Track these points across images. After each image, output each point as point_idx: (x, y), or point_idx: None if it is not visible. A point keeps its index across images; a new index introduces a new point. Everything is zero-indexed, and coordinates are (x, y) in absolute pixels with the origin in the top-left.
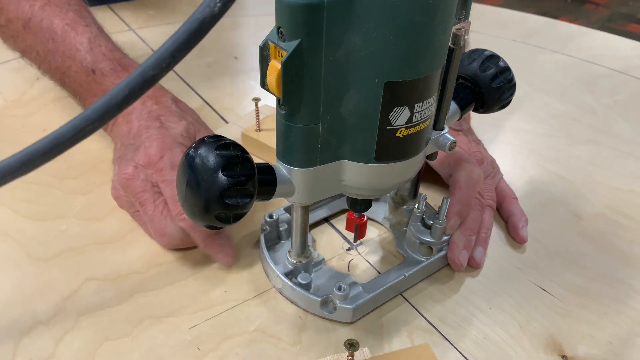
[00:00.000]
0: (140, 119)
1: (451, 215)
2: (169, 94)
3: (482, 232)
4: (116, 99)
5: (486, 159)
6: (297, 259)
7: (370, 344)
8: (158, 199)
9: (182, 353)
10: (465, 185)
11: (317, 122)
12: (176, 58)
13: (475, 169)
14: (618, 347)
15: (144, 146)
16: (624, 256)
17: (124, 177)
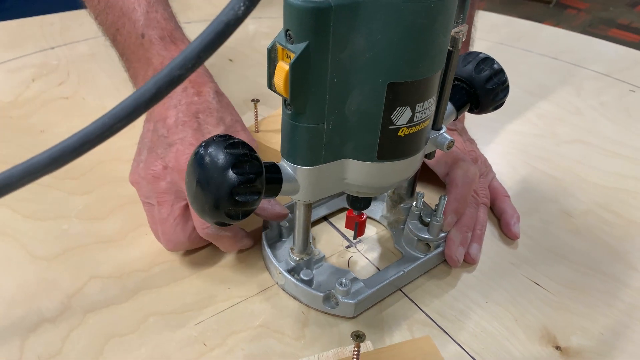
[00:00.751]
0: (178, 110)
1: (448, 213)
2: (211, 84)
3: (477, 229)
4: (144, 97)
5: (480, 158)
6: (299, 256)
7: (372, 337)
8: (176, 204)
9: (188, 348)
10: (462, 184)
11: (322, 121)
12: (202, 59)
13: (471, 167)
14: (609, 337)
15: (176, 148)
16: (613, 251)
17: (151, 173)
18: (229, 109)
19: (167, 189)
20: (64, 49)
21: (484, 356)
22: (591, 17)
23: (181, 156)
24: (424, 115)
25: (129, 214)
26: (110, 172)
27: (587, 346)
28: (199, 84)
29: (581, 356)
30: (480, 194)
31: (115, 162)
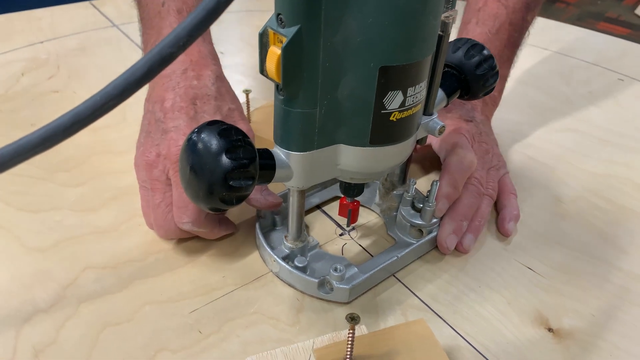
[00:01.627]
0: (176, 93)
1: (439, 198)
2: (214, 67)
3: (476, 219)
4: (135, 76)
5: (492, 151)
6: (293, 243)
7: (366, 322)
8: (168, 192)
9: (184, 336)
10: (455, 170)
11: (314, 106)
12: (192, 37)
13: (468, 155)
14: (600, 319)
15: (170, 136)
16: (603, 236)
17: (145, 160)
18: (228, 96)
19: (159, 176)
20: (53, 43)
21: (477, 339)
22: (580, 11)
23: (174, 145)
24: (416, 100)
25: (123, 206)
26: (103, 164)
27: (579, 327)
28: (200, 67)
29: (573, 337)
30: (487, 186)
31: (108, 155)
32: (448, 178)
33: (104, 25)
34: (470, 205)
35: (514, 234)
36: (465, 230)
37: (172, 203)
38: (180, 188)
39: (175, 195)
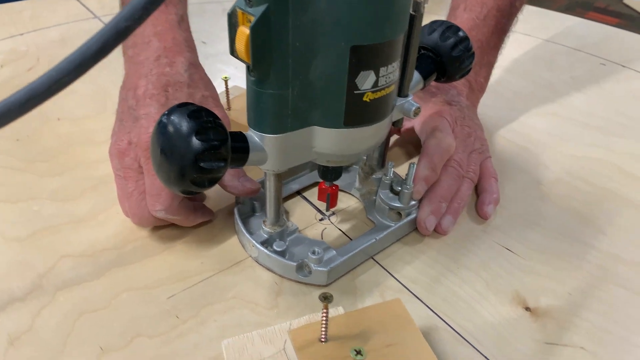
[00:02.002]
0: (148, 80)
1: (417, 181)
2: (187, 54)
3: (455, 202)
4: (90, 51)
5: (475, 135)
6: (271, 228)
7: (345, 304)
8: (141, 179)
9: (161, 322)
10: (432, 152)
11: (286, 87)
12: (148, 10)
13: (446, 138)
14: (577, 297)
15: (140, 124)
16: (582, 217)
17: (117, 148)
18: (201, 83)
19: (131, 164)
20: (33, 35)
21: (455, 319)
22: (568, 1)
23: (144, 133)
24: (389, 80)
25: (101, 195)
26: (82, 154)
27: (556, 306)
28: (174, 54)
29: (550, 316)
30: (467, 169)
31: (86, 145)
32: (426, 160)
33: (85, 17)
34: (449, 187)
35: (494, 217)
36: (444, 212)
37: (144, 191)
38: (152, 175)
39: (147, 182)
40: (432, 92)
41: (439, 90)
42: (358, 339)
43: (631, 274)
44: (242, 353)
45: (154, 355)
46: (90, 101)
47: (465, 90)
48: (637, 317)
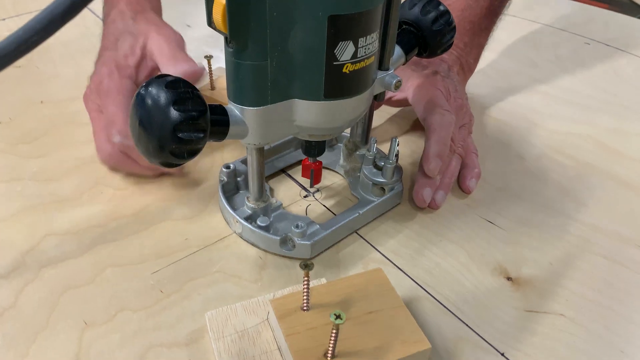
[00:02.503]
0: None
1: (431, 157)
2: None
3: (446, 176)
4: (60, 8)
5: (465, 108)
6: (255, 204)
7: (328, 276)
8: (102, 119)
9: (145, 296)
10: (439, 128)
11: (265, 58)
12: None
13: (447, 114)
14: (558, 267)
15: (96, 72)
16: (564, 190)
17: (84, 93)
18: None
19: (92, 106)
20: (15, 20)
21: (437, 289)
22: None
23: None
24: (368, 51)
25: (85, 175)
26: (65, 135)
27: (537, 275)
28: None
29: (531, 285)
30: (457, 144)
31: (70, 126)
32: (435, 137)
33: None
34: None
35: (477, 191)
36: (437, 184)
37: (105, 128)
38: (107, 111)
39: (104, 118)
40: (424, 65)
41: (431, 64)
42: (339, 307)
43: (610, 244)
44: (225, 324)
45: (137, 328)
46: (73, 84)
47: (456, 67)
48: (615, 285)
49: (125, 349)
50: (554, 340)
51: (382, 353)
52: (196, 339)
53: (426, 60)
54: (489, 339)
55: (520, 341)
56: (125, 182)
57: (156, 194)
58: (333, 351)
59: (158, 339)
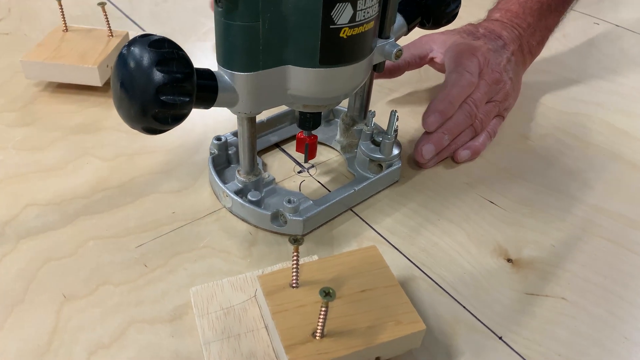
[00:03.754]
0: None
1: (431, 111)
2: None
3: (453, 143)
4: None
5: (503, 85)
6: (246, 177)
7: (321, 254)
8: None
9: (128, 270)
10: (451, 85)
11: (256, 19)
12: None
13: (467, 75)
14: (560, 249)
15: None
16: (569, 171)
17: None
18: None
19: None
20: None
21: (433, 269)
22: None
23: None
24: (367, 15)
25: (71, 145)
26: (52, 103)
27: (538, 257)
28: None
29: (532, 267)
30: (480, 116)
31: (58, 93)
32: (445, 93)
33: None
34: (457, 123)
35: (478, 169)
36: (444, 146)
37: None
38: None
39: None
40: (476, 35)
41: (485, 37)
42: (331, 284)
43: (614, 226)
44: (211, 300)
45: (119, 302)
46: None
47: (513, 47)
48: (619, 268)
49: (105, 323)
50: (555, 324)
51: (375, 333)
52: (180, 315)
53: (482, 32)
54: (486, 322)
55: (520, 324)
56: (113, 152)
57: (144, 166)
58: (322, 330)
59: (140, 314)
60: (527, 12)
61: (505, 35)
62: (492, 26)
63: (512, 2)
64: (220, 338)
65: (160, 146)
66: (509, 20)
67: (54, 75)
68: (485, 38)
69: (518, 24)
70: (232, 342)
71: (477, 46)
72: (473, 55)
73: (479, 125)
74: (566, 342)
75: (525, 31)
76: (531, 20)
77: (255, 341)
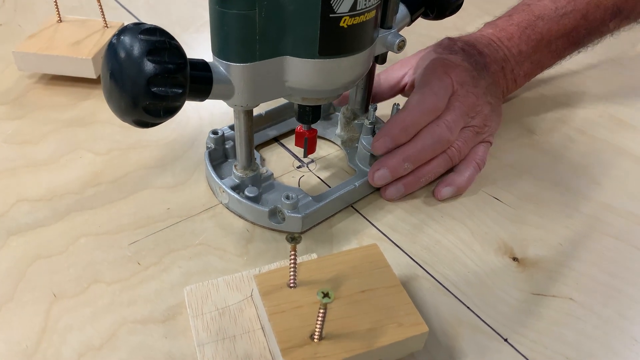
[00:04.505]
0: None
1: (380, 136)
2: None
3: (420, 172)
4: None
5: (480, 110)
6: (243, 172)
7: (320, 252)
8: None
9: (121, 268)
10: (410, 108)
11: (252, 7)
12: None
13: (431, 98)
14: (568, 248)
15: None
16: (576, 167)
17: None
18: None
19: None
20: None
21: (436, 268)
22: None
23: None
24: (369, 4)
25: (64, 139)
26: (45, 95)
27: (545, 256)
28: None
29: (538, 266)
30: (455, 144)
31: (52, 87)
32: (400, 116)
33: None
34: (421, 150)
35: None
36: (401, 176)
37: None
38: None
39: None
40: (453, 49)
41: (463, 52)
42: (330, 284)
43: (623, 224)
44: (205, 300)
45: (110, 301)
46: None
47: (495, 67)
48: (628, 267)
49: (96, 323)
50: (562, 326)
51: (375, 336)
52: (174, 315)
53: (460, 47)
54: (491, 323)
55: (526, 326)
56: (107, 147)
57: (138, 161)
58: (320, 333)
59: (132, 314)
60: (524, 39)
61: (487, 53)
62: (474, 41)
63: (512, 24)
64: (215, 339)
65: (155, 140)
66: (499, 40)
67: (47, 67)
68: (463, 53)
69: (508, 47)
70: (227, 344)
71: (452, 64)
72: (445, 74)
73: (456, 154)
74: (574, 345)
75: (514, 57)
76: (524, 49)
77: (251, 343)
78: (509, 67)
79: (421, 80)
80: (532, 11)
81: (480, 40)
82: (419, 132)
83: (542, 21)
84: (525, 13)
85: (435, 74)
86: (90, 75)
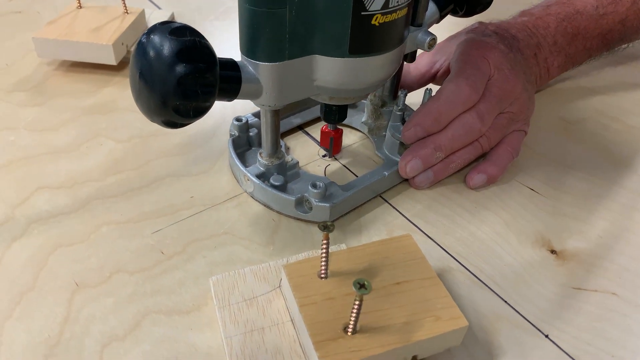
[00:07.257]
0: None
1: (411, 125)
2: None
3: (451, 159)
4: None
5: (518, 94)
6: (268, 160)
7: (349, 242)
8: None
9: (143, 257)
10: (444, 98)
11: (283, 5)
12: None
13: (466, 89)
14: (608, 240)
15: None
16: (612, 156)
17: None
18: None
19: None
20: None
21: (470, 260)
22: None
23: None
24: (401, 1)
25: (84, 126)
26: (65, 82)
27: (584, 249)
28: None
29: (578, 259)
30: (486, 134)
31: (71, 72)
32: (431, 105)
33: None
34: (452, 138)
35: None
36: (434, 164)
37: None
38: None
39: None
40: (486, 33)
41: (496, 35)
42: (362, 275)
43: None
44: (232, 290)
45: (133, 292)
46: None
47: (529, 52)
48: None
49: (119, 314)
50: (605, 322)
51: (412, 330)
52: (199, 306)
53: (492, 30)
54: (530, 318)
55: (566, 322)
56: (128, 134)
57: (160, 149)
58: (355, 325)
59: (156, 304)
60: (560, 30)
61: (520, 37)
62: (507, 25)
63: (549, 13)
64: (243, 331)
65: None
66: (534, 27)
67: (67, 54)
68: (496, 36)
69: (543, 35)
70: (255, 336)
71: (489, 46)
72: (482, 58)
73: (486, 143)
74: (619, 342)
75: (549, 46)
76: (560, 40)
77: (281, 335)
78: (542, 56)
79: (457, 67)
80: (573, 4)
81: (513, 25)
82: (453, 120)
83: (581, 16)
84: (565, 5)
85: (471, 59)
86: (110, 62)
